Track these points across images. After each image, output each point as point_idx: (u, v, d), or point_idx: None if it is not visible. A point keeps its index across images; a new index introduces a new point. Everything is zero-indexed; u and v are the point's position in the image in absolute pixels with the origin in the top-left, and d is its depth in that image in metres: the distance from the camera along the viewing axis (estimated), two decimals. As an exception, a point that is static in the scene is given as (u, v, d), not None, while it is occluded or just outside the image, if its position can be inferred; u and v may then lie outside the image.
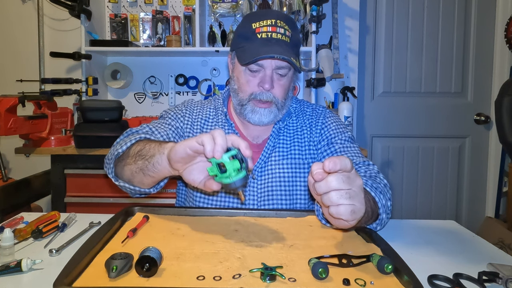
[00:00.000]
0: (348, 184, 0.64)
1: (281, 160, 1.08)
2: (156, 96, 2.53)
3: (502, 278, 0.65)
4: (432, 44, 2.52)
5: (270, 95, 1.02)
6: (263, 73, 1.02)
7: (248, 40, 1.01)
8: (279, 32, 1.00)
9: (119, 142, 0.98)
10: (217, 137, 0.68)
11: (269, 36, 0.99)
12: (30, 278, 0.67)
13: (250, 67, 1.02)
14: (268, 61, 1.00)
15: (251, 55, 0.97)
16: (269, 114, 1.04)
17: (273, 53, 0.95)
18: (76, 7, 2.14)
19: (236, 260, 0.69)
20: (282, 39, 0.99)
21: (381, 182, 0.91)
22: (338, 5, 2.44)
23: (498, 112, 1.64)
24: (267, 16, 1.02)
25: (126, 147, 0.92)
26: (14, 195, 1.97)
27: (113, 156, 0.93)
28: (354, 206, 0.64)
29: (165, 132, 1.05)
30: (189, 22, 2.42)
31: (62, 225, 0.90)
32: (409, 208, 2.60)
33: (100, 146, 1.92)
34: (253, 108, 1.04)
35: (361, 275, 0.63)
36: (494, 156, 2.53)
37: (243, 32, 1.04)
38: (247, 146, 0.70)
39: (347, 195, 0.63)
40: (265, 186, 1.06)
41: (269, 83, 1.01)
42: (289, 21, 1.03)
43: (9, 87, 2.41)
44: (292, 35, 1.02)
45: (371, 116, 2.57)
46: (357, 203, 0.64)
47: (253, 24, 1.01)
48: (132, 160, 0.88)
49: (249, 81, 1.03)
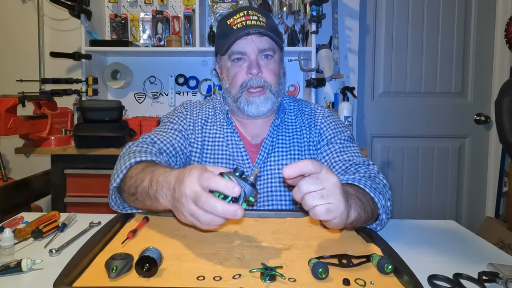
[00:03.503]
0: (318, 184, 0.64)
1: (280, 161, 1.08)
2: (156, 96, 2.53)
3: (502, 278, 0.65)
4: (432, 44, 2.52)
5: (260, 80, 1.03)
6: (248, 60, 1.03)
7: (227, 35, 1.03)
8: (253, 19, 1.02)
9: (116, 166, 0.94)
10: (218, 184, 0.62)
11: (244, 24, 1.01)
12: (30, 278, 0.67)
13: (233, 57, 1.03)
14: (250, 47, 1.01)
15: (228, 42, 1.00)
16: (265, 101, 1.04)
17: (249, 30, 0.97)
18: (76, 7, 2.14)
19: (236, 260, 0.69)
20: (257, 24, 1.02)
21: (380, 183, 0.91)
22: (338, 5, 2.44)
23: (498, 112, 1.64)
24: (239, 10, 1.06)
25: (119, 179, 0.88)
26: (14, 195, 1.97)
27: (111, 186, 0.91)
28: (330, 205, 0.64)
29: (168, 140, 1.04)
30: (189, 22, 2.42)
31: (62, 225, 0.90)
32: (409, 208, 2.60)
33: (100, 146, 1.92)
34: (247, 98, 1.04)
35: (361, 275, 0.63)
36: (494, 156, 2.53)
37: (221, 32, 1.07)
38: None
39: (319, 195, 0.64)
40: (265, 186, 1.06)
41: (256, 68, 1.01)
42: (261, 12, 1.07)
43: (9, 87, 2.41)
44: (266, 21, 1.04)
45: (371, 116, 2.57)
46: (332, 200, 0.64)
47: (227, 21, 1.05)
48: (130, 197, 0.85)
49: (237, 73, 1.04)
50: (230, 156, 1.08)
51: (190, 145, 1.10)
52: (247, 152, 1.08)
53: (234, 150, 1.08)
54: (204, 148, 1.10)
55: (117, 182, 0.88)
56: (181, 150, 1.07)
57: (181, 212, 0.67)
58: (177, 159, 1.05)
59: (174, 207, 0.70)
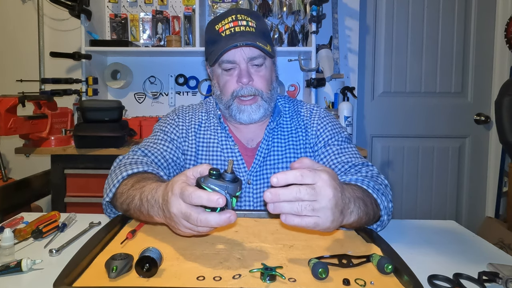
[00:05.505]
0: (313, 195, 0.62)
1: (276, 165, 1.06)
2: (156, 96, 2.53)
3: (502, 278, 0.65)
4: (432, 44, 2.52)
5: (251, 88, 1.01)
6: (238, 69, 1.01)
7: (215, 43, 1.01)
8: (242, 25, 1.00)
9: (108, 180, 0.93)
10: (202, 200, 0.62)
11: (233, 31, 0.99)
12: (30, 278, 0.67)
13: (224, 67, 1.01)
14: (239, 55, 0.99)
15: (217, 53, 0.98)
16: (258, 109, 1.02)
17: (237, 42, 0.95)
18: (76, 7, 2.14)
19: (236, 260, 0.69)
20: (246, 30, 0.99)
21: (382, 183, 0.91)
22: (338, 5, 2.44)
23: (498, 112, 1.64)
24: (227, 14, 1.02)
25: (112, 194, 0.88)
26: (14, 195, 1.97)
27: (104, 201, 0.90)
28: (318, 219, 0.62)
29: (159, 152, 1.02)
30: (189, 22, 2.42)
31: (62, 225, 0.90)
32: (409, 208, 2.60)
33: (100, 146, 1.92)
34: (238, 107, 1.02)
35: (361, 275, 0.63)
36: (494, 156, 2.53)
37: (210, 37, 1.04)
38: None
39: (310, 207, 0.62)
40: (262, 191, 1.05)
41: (246, 77, 0.99)
42: (250, 14, 1.04)
43: (9, 87, 2.41)
44: (256, 25, 1.02)
45: (371, 116, 2.57)
46: (322, 215, 0.62)
47: (216, 26, 1.02)
48: (125, 212, 0.85)
49: (228, 81, 1.02)
50: (225, 161, 1.06)
51: (183, 154, 1.08)
52: (242, 157, 1.07)
53: (229, 154, 1.07)
54: (199, 154, 1.08)
55: (110, 197, 0.88)
56: (173, 161, 1.05)
57: (178, 229, 0.69)
58: (170, 171, 1.04)
59: (170, 225, 0.71)
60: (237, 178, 0.66)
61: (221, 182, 0.64)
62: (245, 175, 1.05)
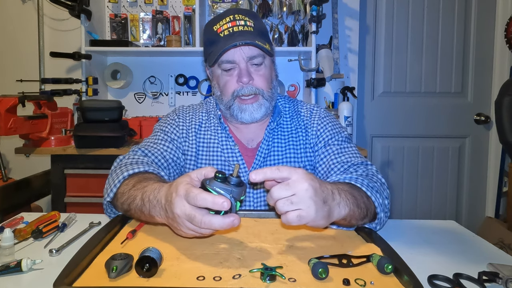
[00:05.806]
0: (288, 190, 0.65)
1: (277, 164, 1.06)
2: (156, 96, 2.53)
3: (502, 278, 0.65)
4: (432, 44, 2.52)
5: (252, 88, 1.01)
6: (238, 69, 1.01)
7: (214, 43, 1.01)
8: (240, 25, 1.00)
9: (109, 180, 0.93)
10: (206, 202, 0.63)
11: (231, 31, 0.99)
12: (30, 278, 0.67)
13: (224, 67, 1.01)
14: (238, 55, 0.99)
15: (216, 54, 0.98)
16: (259, 107, 1.03)
17: (236, 42, 0.95)
18: (76, 7, 2.14)
19: (236, 260, 0.69)
20: (244, 30, 0.99)
21: (378, 181, 0.90)
22: (338, 5, 2.44)
23: (498, 112, 1.64)
24: (225, 15, 1.03)
25: (113, 194, 0.88)
26: (14, 195, 1.97)
27: (104, 201, 0.90)
28: (300, 211, 0.65)
29: (159, 152, 1.02)
30: (189, 22, 2.42)
31: (62, 225, 0.90)
32: (409, 208, 2.60)
33: (100, 146, 1.92)
34: (239, 106, 1.03)
35: (361, 275, 0.63)
36: (494, 156, 2.53)
37: (208, 39, 1.04)
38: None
39: (288, 201, 0.65)
40: (261, 191, 1.05)
41: (246, 76, 0.99)
42: (248, 14, 1.04)
43: (9, 87, 2.41)
44: (254, 24, 1.02)
45: (371, 116, 2.57)
46: (302, 206, 0.65)
47: (214, 27, 1.02)
48: (125, 212, 0.85)
49: (228, 81, 1.02)
50: (225, 161, 1.06)
51: (183, 154, 1.08)
52: (242, 157, 1.07)
53: (230, 155, 1.07)
54: (199, 154, 1.08)
55: (111, 196, 0.88)
56: (174, 161, 1.05)
57: (180, 229, 0.69)
58: (170, 171, 1.04)
59: (171, 225, 0.71)
60: (242, 182, 0.67)
61: (227, 185, 0.64)
62: (245, 175, 1.05)
